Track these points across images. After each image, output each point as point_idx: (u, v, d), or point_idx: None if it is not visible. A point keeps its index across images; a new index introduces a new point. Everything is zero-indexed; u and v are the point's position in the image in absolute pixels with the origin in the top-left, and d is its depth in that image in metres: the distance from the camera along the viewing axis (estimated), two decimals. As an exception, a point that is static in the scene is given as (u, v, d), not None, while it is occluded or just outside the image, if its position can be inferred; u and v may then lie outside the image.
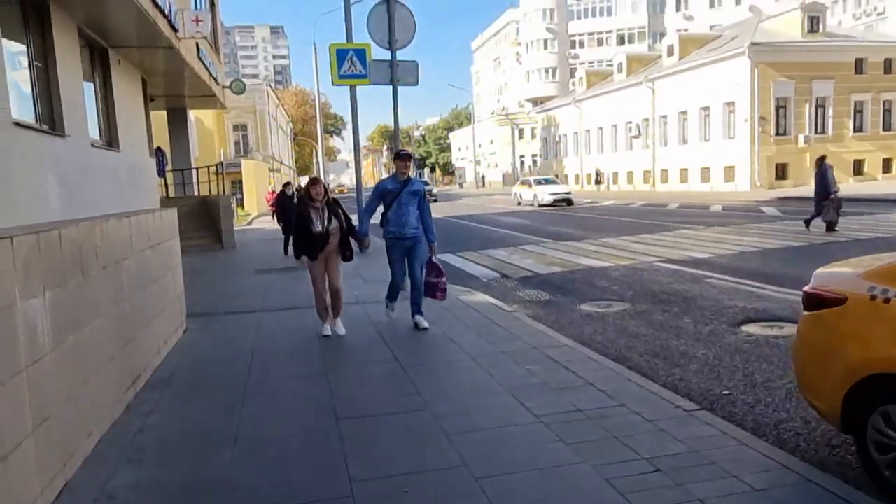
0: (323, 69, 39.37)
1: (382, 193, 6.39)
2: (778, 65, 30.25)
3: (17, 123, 7.05)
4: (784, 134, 31.19)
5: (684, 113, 35.30)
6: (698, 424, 3.75)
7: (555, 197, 28.08)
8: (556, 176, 52.28)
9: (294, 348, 6.00)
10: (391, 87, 8.68)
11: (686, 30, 62.26)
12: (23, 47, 7.89)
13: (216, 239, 16.08)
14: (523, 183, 31.86)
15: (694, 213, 20.82)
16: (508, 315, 6.98)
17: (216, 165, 17.10)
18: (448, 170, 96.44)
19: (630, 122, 40.23)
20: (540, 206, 27.81)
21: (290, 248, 11.87)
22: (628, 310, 7.42)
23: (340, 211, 6.41)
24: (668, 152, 36.86)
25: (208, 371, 5.40)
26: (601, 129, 44.08)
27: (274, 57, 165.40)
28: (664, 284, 8.78)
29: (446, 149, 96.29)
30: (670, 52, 37.12)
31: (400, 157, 6.54)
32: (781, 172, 31.07)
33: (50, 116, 8.47)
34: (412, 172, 6.72)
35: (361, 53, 13.93)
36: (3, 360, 2.67)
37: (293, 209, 13.73)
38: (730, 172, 32.05)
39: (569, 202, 28.10)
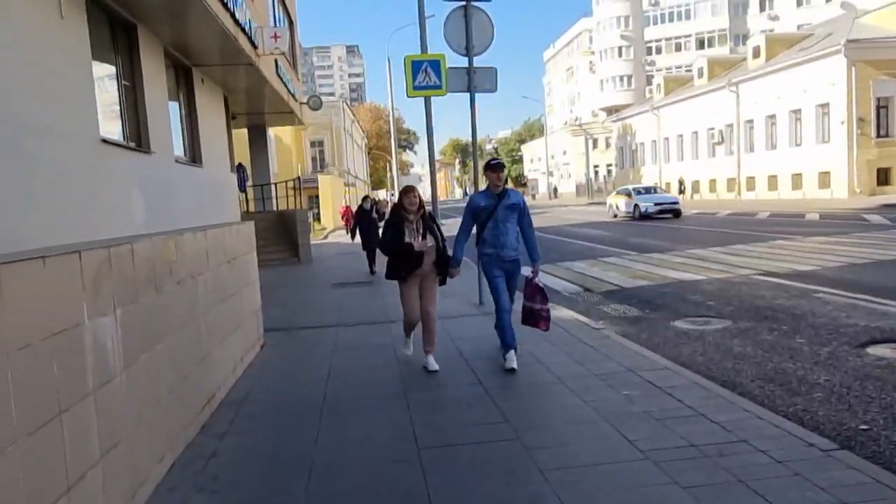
0: (397, 82, 40.35)
1: (475, 211, 5.53)
2: (877, 62, 28.10)
3: (104, 140, 7.20)
4: (886, 136, 28.90)
5: (772, 117, 33.39)
6: (840, 468, 3.18)
7: (660, 207, 24.94)
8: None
9: (372, 367, 5.75)
10: (468, 95, 8.38)
11: (772, 30, 59.44)
12: (112, 68, 8.12)
13: (293, 253, 16.28)
14: (621, 193, 28.29)
15: (788, 222, 19.44)
16: (597, 333, 6.49)
17: (294, 180, 17.39)
18: (520, 182, 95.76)
19: (712, 129, 38.48)
20: (641, 217, 24.96)
21: (376, 266, 11.85)
22: (730, 328, 6.76)
23: (436, 227, 5.60)
24: (754, 159, 34.94)
25: (284, 391, 5.22)
26: (681, 136, 42.42)
27: (349, 75, 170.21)
28: (767, 299, 8.01)
29: (518, 161, 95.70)
30: (756, 54, 35.30)
31: (491, 167, 5.59)
32: (884, 177, 28.76)
33: (137, 134, 8.68)
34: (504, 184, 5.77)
35: (436, 64, 13.78)
36: (69, 383, 2.49)
37: (373, 224, 13.77)
38: (824, 178, 29.96)
39: (676, 213, 24.82)
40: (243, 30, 10.58)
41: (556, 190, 69.29)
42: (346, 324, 7.72)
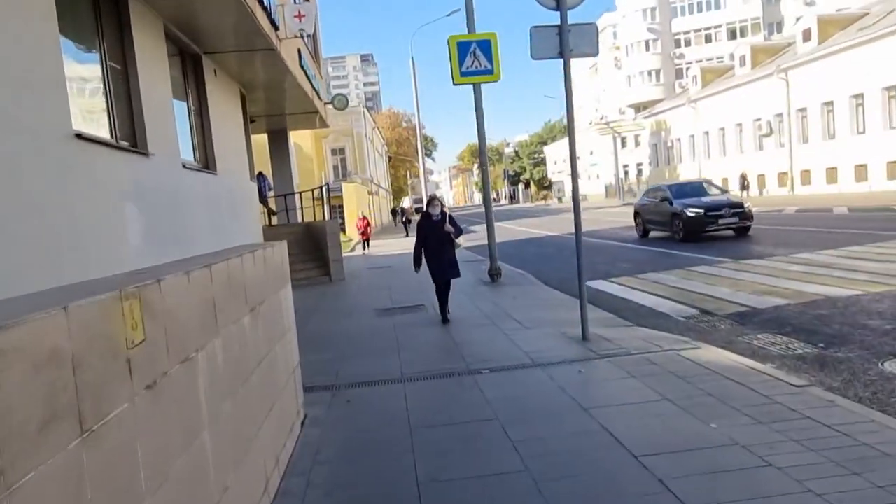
0: (426, 80, 37.58)
1: None
2: (951, 38, 25.52)
3: (80, 136, 5.26)
4: (965, 119, 26.26)
5: (829, 104, 30.83)
6: None
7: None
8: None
9: (474, 452, 3.68)
10: (562, 61, 6.30)
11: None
12: (94, 43, 6.20)
13: (324, 270, 14.31)
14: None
15: (884, 217, 17.03)
16: (793, 389, 4.35)
17: (320, 188, 15.45)
18: (543, 185, 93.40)
19: (759, 120, 35.96)
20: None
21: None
22: None
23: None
24: (809, 150, 32.37)
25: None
26: (722, 129, 39.92)
27: (364, 84, 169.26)
28: None
29: (540, 163, 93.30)
30: (807, 37, 32.77)
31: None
32: (965, 165, 26.13)
33: (131, 132, 6.76)
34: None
35: (486, 45, 11.72)
36: None
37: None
38: (893, 168, 27.34)
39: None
40: (261, 3, 8.65)
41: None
42: (411, 376, 5.65)
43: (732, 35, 59.51)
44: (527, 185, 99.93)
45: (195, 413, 2.21)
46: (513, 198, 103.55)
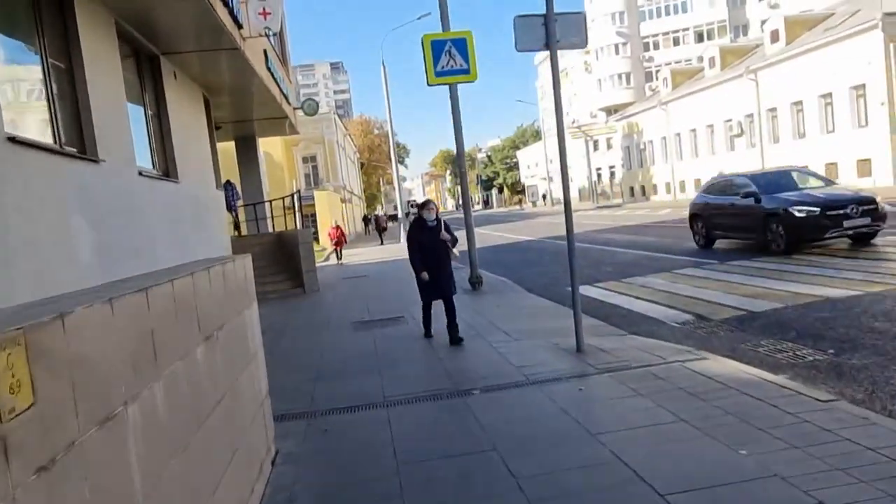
0: (397, 86, 36.19)
1: None
2: (916, 37, 25.88)
3: (13, 140, 4.65)
4: (931, 116, 26.60)
5: (798, 104, 31.12)
6: None
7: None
8: (643, 189, 48.56)
9: (474, 494, 3.18)
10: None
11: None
12: (32, 40, 5.58)
13: (297, 282, 13.69)
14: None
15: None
16: (820, 405, 3.94)
17: (291, 196, 14.83)
18: (516, 189, 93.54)
19: (729, 121, 36.21)
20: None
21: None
22: None
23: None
24: (780, 149, 32.60)
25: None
26: (694, 131, 40.14)
27: (335, 92, 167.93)
28: None
29: (513, 168, 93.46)
30: (775, 38, 33.08)
31: None
32: (931, 161, 26.45)
33: (78, 136, 6.14)
34: None
35: (461, 44, 11.28)
36: None
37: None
38: (864, 166, 27.61)
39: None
40: (223, -1, 8.07)
41: (544, 196, 66.28)
42: (395, 398, 5.12)
43: (700, 38, 60.22)
44: (500, 190, 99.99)
45: (123, 487, 1.67)
46: (486, 203, 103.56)
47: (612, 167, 60.31)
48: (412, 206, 64.37)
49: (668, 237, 17.09)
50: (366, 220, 54.45)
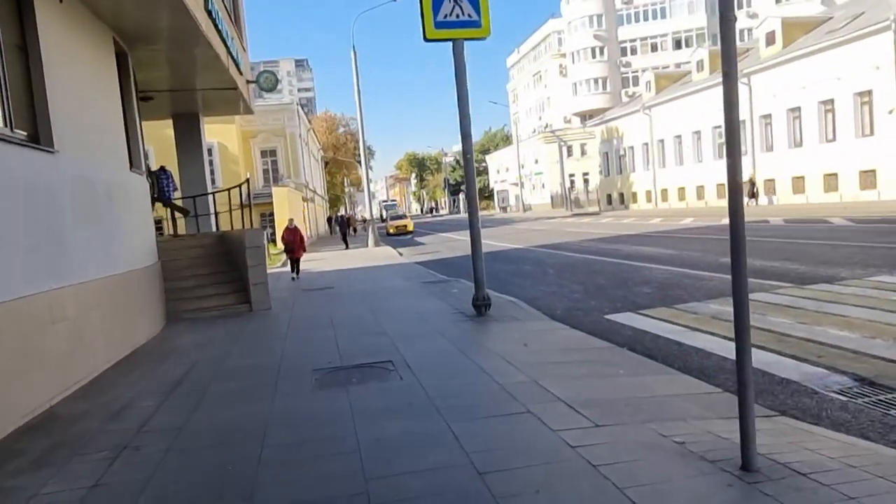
0: (370, 68, 31.95)
1: None
2: (926, 41, 24.24)
3: None
4: (939, 126, 25.01)
5: (795, 110, 29.35)
6: None
7: None
8: (622, 197, 46.54)
9: None
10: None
11: (750, 29, 56.53)
12: None
13: (241, 297, 10.66)
14: None
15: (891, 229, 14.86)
16: None
17: (240, 186, 11.78)
18: (483, 194, 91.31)
19: (719, 127, 34.32)
20: None
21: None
22: None
23: None
24: (773, 159, 30.86)
25: None
26: (679, 137, 38.26)
27: (299, 90, 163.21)
28: None
29: (482, 172, 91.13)
30: (770, 41, 31.35)
31: None
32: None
33: None
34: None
35: (472, -13, 8.66)
36: None
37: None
38: (868, 178, 25.89)
39: None
40: None
41: (520, 201, 63.91)
42: None
43: (678, 45, 58.99)
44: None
45: None
46: (454, 207, 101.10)
47: (585, 174, 58.43)
48: (387, 208, 60.87)
49: (687, 249, 14.62)
50: (330, 220, 51.12)
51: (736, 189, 3.20)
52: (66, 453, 4.25)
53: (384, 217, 54.29)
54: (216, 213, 13.89)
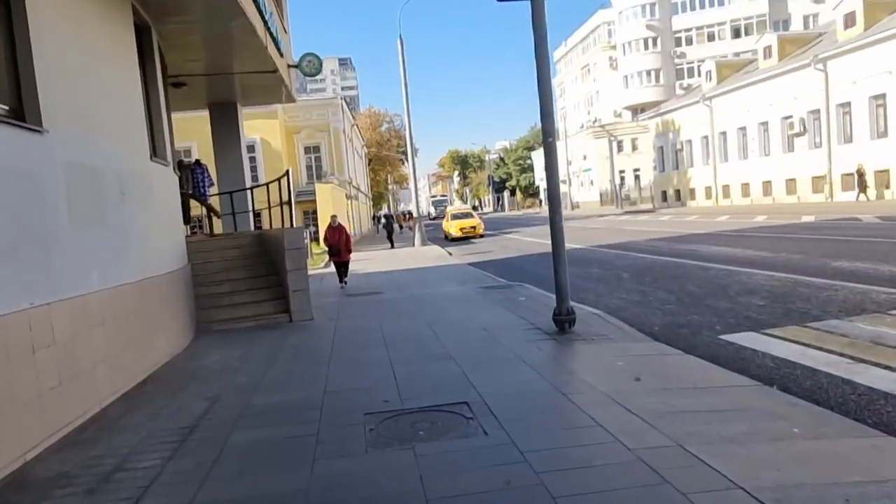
0: (412, 66, 30.07)
1: None
2: None
3: None
4: None
5: (879, 97, 26.78)
6: None
7: None
8: (678, 193, 43.99)
9: None
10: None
11: (816, 14, 53.17)
12: None
13: (280, 305, 9.42)
14: None
15: None
16: None
17: (279, 180, 10.57)
18: (529, 192, 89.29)
19: (789, 117, 31.89)
20: None
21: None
22: None
23: None
24: (852, 150, 28.28)
25: None
26: (743, 129, 35.82)
27: (343, 88, 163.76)
28: None
29: (528, 169, 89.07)
30: (849, 23, 28.75)
31: None
32: None
33: None
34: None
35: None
36: None
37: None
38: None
39: None
40: None
41: (570, 199, 61.57)
42: None
43: (736, 34, 56.02)
44: (512, 193, 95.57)
45: None
46: (498, 205, 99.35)
47: (636, 170, 56.00)
48: (436, 204, 58.93)
49: (781, 251, 12.78)
50: (375, 218, 50.06)
51: None
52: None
53: (431, 214, 52.81)
54: (255, 211, 12.74)
